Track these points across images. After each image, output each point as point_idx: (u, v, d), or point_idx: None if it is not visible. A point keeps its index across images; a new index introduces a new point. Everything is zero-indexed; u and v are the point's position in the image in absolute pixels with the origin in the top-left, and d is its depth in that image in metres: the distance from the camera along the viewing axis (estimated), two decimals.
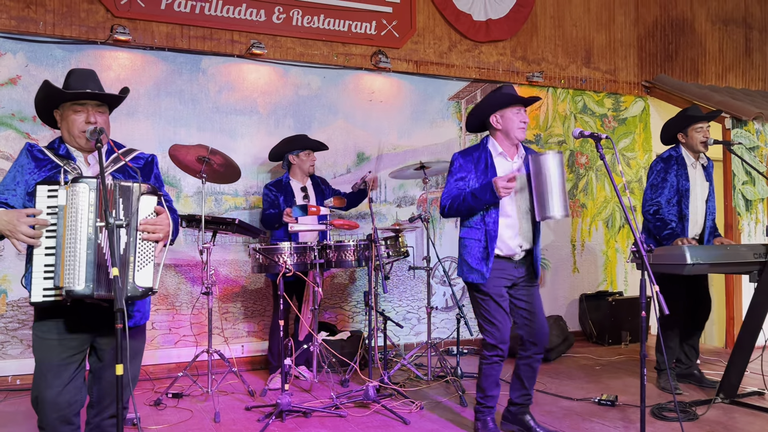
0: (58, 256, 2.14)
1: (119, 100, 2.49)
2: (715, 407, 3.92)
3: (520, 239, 3.38)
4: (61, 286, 2.12)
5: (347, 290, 5.68)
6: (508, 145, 3.41)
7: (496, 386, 3.43)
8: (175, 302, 5.09)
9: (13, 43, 4.72)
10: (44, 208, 2.18)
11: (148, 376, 4.83)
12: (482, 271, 3.32)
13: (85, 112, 2.39)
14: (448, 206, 3.37)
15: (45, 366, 2.30)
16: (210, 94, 5.26)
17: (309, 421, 3.77)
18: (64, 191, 2.18)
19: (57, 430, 2.31)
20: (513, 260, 3.39)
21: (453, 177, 3.41)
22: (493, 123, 3.40)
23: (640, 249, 2.87)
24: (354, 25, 5.65)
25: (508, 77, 6.28)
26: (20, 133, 4.72)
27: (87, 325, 2.34)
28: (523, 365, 3.46)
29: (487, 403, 3.44)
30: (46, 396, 2.27)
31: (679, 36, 7.19)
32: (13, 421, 3.86)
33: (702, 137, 4.34)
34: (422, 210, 5.89)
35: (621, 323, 6.11)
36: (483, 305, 3.39)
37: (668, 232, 4.21)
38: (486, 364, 3.41)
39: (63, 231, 2.15)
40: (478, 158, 3.39)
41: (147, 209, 2.30)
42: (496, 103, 3.37)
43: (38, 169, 2.34)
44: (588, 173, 6.66)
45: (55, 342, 2.30)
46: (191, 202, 5.15)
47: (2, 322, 4.64)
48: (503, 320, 3.36)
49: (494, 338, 3.36)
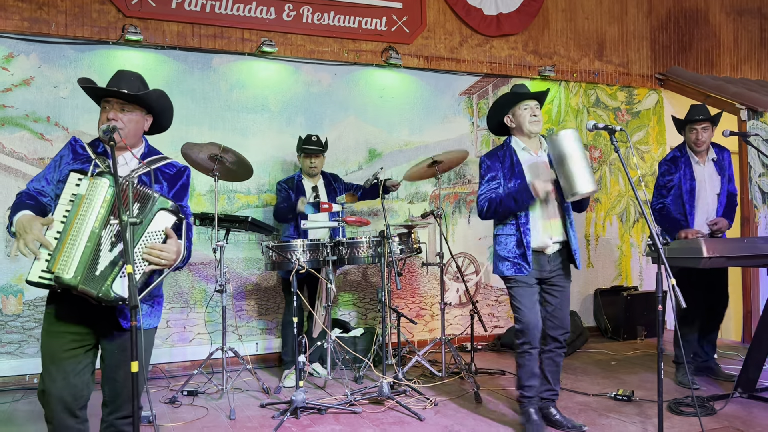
0: (60, 241, 2.16)
1: (141, 98, 2.47)
2: (732, 402, 3.87)
3: (551, 231, 3.43)
4: (53, 270, 2.13)
5: (360, 287, 5.68)
6: (526, 140, 3.51)
7: (532, 376, 3.45)
8: (189, 300, 5.11)
9: (26, 44, 4.75)
10: (69, 195, 2.22)
11: (163, 374, 4.86)
12: (521, 263, 3.39)
13: (110, 109, 2.42)
14: (486, 209, 3.45)
15: (49, 358, 2.32)
16: (221, 93, 5.27)
17: (323, 418, 3.78)
18: (87, 182, 2.21)
19: (63, 423, 2.32)
20: (545, 253, 3.43)
21: (484, 179, 3.50)
22: (507, 123, 3.55)
23: (657, 242, 2.84)
24: (364, 22, 5.64)
25: (519, 71, 6.24)
26: (34, 133, 4.75)
27: (90, 321, 2.34)
28: (546, 359, 3.52)
29: (525, 393, 3.47)
30: (51, 390, 2.29)
31: (693, 27, 7.11)
32: (31, 419, 3.89)
33: (694, 137, 4.38)
34: (435, 206, 5.87)
35: (636, 318, 6.06)
36: (514, 295, 3.46)
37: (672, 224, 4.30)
38: (518, 353, 3.47)
39: (73, 219, 2.18)
40: (504, 156, 3.49)
41: (159, 225, 2.29)
42: (506, 104, 3.52)
43: (74, 161, 2.40)
44: (602, 167, 6.61)
45: (58, 334, 2.32)
46: (204, 200, 5.17)
47: (19, 321, 4.68)
48: (531, 312, 3.42)
49: (523, 325, 3.41)
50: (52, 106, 4.79)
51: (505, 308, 6.14)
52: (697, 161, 4.43)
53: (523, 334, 3.41)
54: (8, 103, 4.71)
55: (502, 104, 3.53)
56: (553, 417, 3.51)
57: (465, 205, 6.06)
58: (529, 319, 3.40)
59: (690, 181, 4.37)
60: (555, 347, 3.50)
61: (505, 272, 3.46)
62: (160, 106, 2.58)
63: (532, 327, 3.40)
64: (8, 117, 4.71)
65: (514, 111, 3.49)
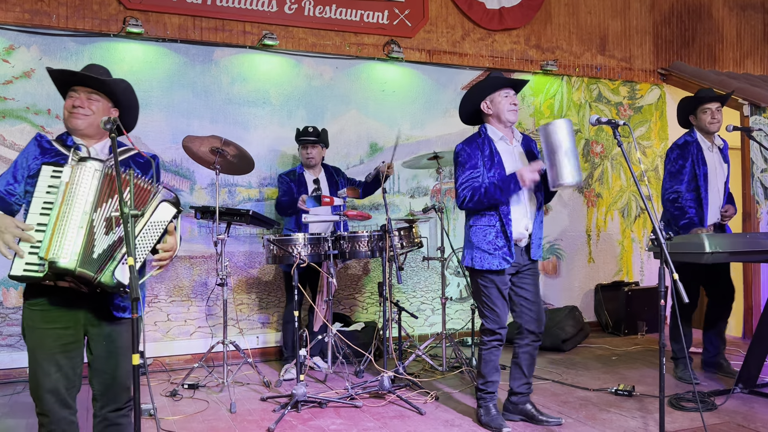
0: (48, 228, 2.14)
1: (105, 84, 2.43)
2: (733, 397, 3.87)
3: (527, 221, 3.40)
4: (45, 258, 2.11)
5: (361, 281, 5.68)
6: (502, 128, 3.46)
7: (496, 371, 3.47)
8: (190, 294, 5.11)
9: (27, 36, 4.74)
10: (45, 187, 2.19)
11: (164, 367, 4.86)
12: (505, 257, 3.34)
13: (77, 97, 2.39)
14: (469, 198, 3.34)
15: (39, 354, 2.29)
16: (222, 86, 5.26)
17: (324, 412, 3.78)
18: (69, 169, 2.20)
19: (57, 414, 2.31)
20: (518, 245, 3.41)
21: (464, 167, 3.40)
22: (484, 109, 3.46)
23: (659, 237, 2.83)
24: (366, 15, 5.62)
25: (521, 66, 6.22)
26: (35, 126, 4.74)
27: (75, 312, 2.32)
28: (523, 353, 3.49)
29: (488, 389, 3.47)
30: (45, 384, 2.28)
31: (696, 22, 7.08)
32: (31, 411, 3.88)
33: (710, 118, 4.28)
34: (436, 200, 5.86)
35: (637, 313, 6.06)
36: (485, 292, 3.42)
37: (685, 221, 4.17)
38: (485, 349, 3.45)
39: (60, 206, 2.16)
40: (482, 144, 3.42)
41: (160, 216, 2.28)
42: (484, 89, 3.43)
43: (41, 157, 2.36)
44: (603, 162, 6.59)
45: (45, 328, 2.30)
46: (205, 193, 5.16)
47: (19, 314, 4.67)
48: (503, 307, 3.42)
49: (494, 323, 3.41)
50: (52, 98, 4.77)
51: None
52: (708, 146, 4.32)
53: (494, 333, 3.42)
54: (9, 95, 4.70)
55: (482, 88, 3.43)
56: (529, 411, 3.50)
57: None
58: (503, 318, 3.41)
59: (702, 166, 4.26)
60: (532, 340, 3.47)
61: (484, 265, 3.36)
62: (128, 100, 2.52)
63: (504, 325, 3.41)
64: (9, 109, 4.70)
65: (493, 97, 3.41)
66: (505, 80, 3.43)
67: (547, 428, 3.43)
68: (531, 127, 6.26)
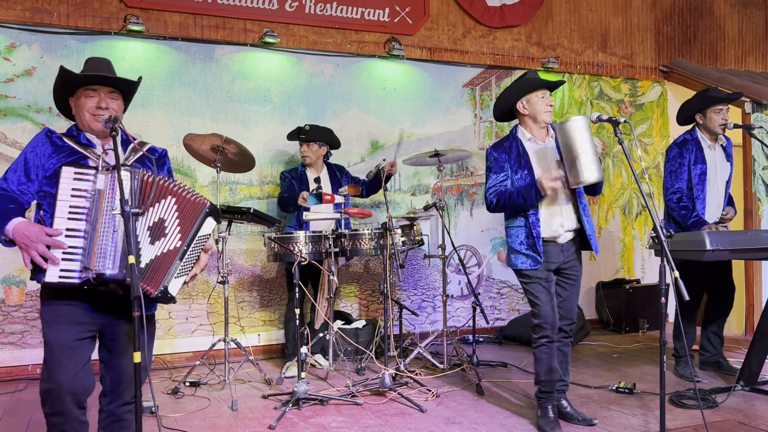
0: (90, 239, 2.15)
1: (132, 86, 2.46)
2: (734, 395, 3.87)
3: (561, 218, 3.38)
4: (91, 268, 2.13)
5: (362, 279, 5.68)
6: (537, 129, 3.46)
7: (550, 371, 3.38)
8: (191, 292, 5.12)
9: (28, 34, 4.74)
10: (69, 190, 2.17)
11: (165, 364, 4.87)
12: (533, 255, 3.35)
13: (97, 97, 2.37)
14: (495, 203, 3.40)
15: (58, 349, 2.26)
16: (223, 84, 5.26)
17: (325, 409, 3.78)
18: (104, 177, 2.19)
19: (71, 414, 2.28)
20: (557, 242, 3.39)
21: (492, 171, 3.45)
22: (520, 109, 3.46)
23: (660, 235, 2.83)
24: (367, 12, 5.61)
25: (523, 63, 6.21)
26: (36, 124, 4.74)
27: (95, 312, 2.32)
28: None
29: (542, 388, 3.41)
30: (62, 380, 2.24)
31: (698, 19, 7.07)
32: (34, 409, 3.91)
33: (721, 119, 4.25)
34: (437, 198, 5.86)
35: (638, 311, 6.06)
36: (527, 288, 3.43)
37: (694, 219, 4.15)
38: (535, 347, 3.42)
39: (98, 216, 2.16)
40: (510, 147, 3.44)
41: (206, 230, 2.33)
42: (522, 89, 3.44)
43: (56, 155, 2.32)
44: (604, 160, 6.59)
45: (66, 325, 2.28)
46: (206, 191, 5.16)
47: (21, 312, 4.69)
48: (547, 302, 3.38)
49: (540, 318, 3.37)
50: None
51: (507, 300, 6.14)
52: (709, 145, 4.31)
53: (542, 328, 3.36)
54: (10, 93, 4.70)
55: (521, 88, 3.43)
56: (564, 409, 3.50)
57: (467, 197, 6.05)
58: (548, 313, 3.36)
59: (701, 164, 4.25)
60: (561, 337, 3.45)
61: (519, 266, 3.41)
62: (132, 95, 2.54)
63: (550, 320, 3.36)
64: (10, 107, 4.71)
65: (530, 98, 3.41)
66: (543, 82, 3.44)
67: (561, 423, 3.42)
68: None
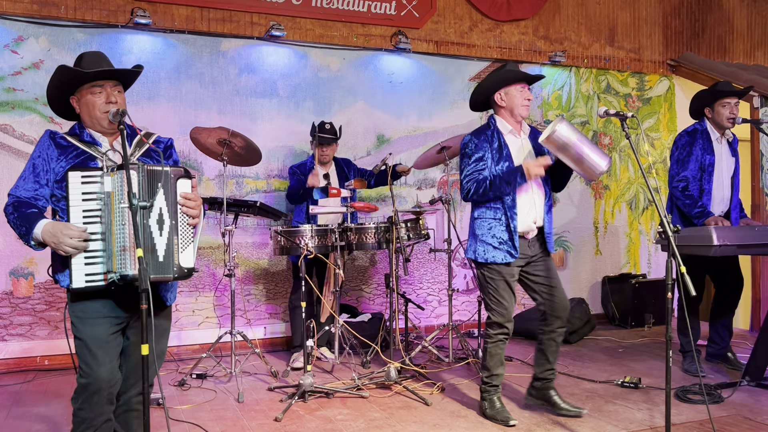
0: (108, 242, 2.17)
1: (135, 75, 2.45)
2: (740, 390, 3.87)
3: (534, 214, 3.39)
4: (114, 270, 2.16)
5: (368, 272, 5.69)
6: (513, 122, 3.44)
7: (501, 365, 3.46)
8: (198, 284, 5.14)
9: (36, 27, 4.75)
10: (80, 194, 2.17)
11: (172, 357, 4.90)
12: (509, 250, 3.33)
13: (105, 92, 2.35)
14: (473, 190, 3.33)
15: (94, 344, 2.25)
16: (230, 77, 5.26)
17: (331, 402, 3.80)
18: (110, 178, 2.18)
19: (103, 411, 2.29)
20: (526, 238, 3.40)
21: (471, 159, 3.38)
22: (497, 101, 3.42)
23: (667, 230, 2.82)
24: (373, 5, 5.60)
25: (530, 57, 6.19)
26: (44, 117, 4.76)
27: (122, 305, 2.33)
28: (547, 340, 3.47)
29: (492, 381, 3.47)
30: (101, 374, 2.24)
31: (706, 13, 7.02)
32: (42, 400, 3.94)
33: (729, 113, 4.22)
34: (443, 192, 5.86)
35: (644, 306, 6.05)
36: (491, 284, 3.41)
37: (699, 210, 4.13)
38: (491, 343, 3.44)
39: (112, 218, 2.17)
40: (491, 136, 3.40)
41: (183, 189, 2.30)
42: (501, 81, 3.39)
43: (63, 157, 2.32)
44: (611, 154, 6.56)
45: (99, 319, 2.28)
46: (213, 185, 5.18)
47: (30, 303, 4.72)
48: (510, 300, 3.41)
49: (501, 317, 3.40)
50: None
51: None
52: (717, 138, 4.28)
53: (501, 326, 3.40)
54: (18, 86, 4.72)
55: (497, 80, 3.38)
56: (553, 398, 3.50)
57: None
58: (510, 311, 3.40)
59: (710, 156, 4.22)
60: (557, 327, 3.43)
61: (488, 258, 3.37)
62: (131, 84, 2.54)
63: (511, 318, 3.41)
64: (18, 100, 4.73)
65: (508, 90, 3.37)
66: (523, 75, 3.41)
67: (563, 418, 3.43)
68: (539, 119, 6.24)
